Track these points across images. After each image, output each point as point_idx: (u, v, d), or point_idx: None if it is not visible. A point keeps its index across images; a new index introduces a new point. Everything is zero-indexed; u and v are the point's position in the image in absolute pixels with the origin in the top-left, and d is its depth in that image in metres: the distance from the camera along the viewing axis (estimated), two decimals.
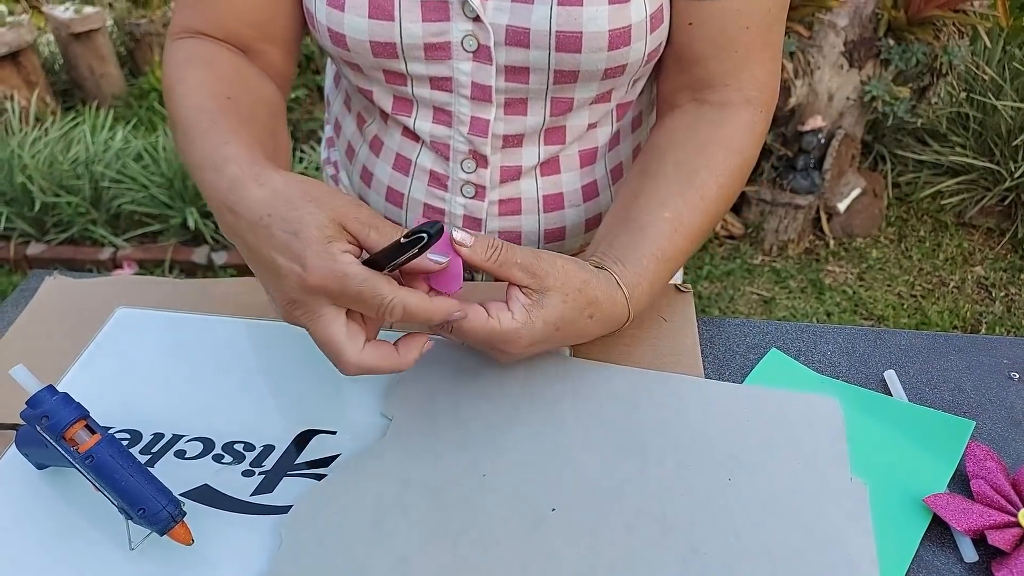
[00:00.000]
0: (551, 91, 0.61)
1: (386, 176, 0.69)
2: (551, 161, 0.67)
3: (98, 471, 0.45)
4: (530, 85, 0.60)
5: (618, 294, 0.55)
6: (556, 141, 0.66)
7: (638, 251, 0.57)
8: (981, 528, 0.47)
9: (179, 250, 2.25)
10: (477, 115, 0.62)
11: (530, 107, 0.62)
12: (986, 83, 2.37)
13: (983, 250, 2.32)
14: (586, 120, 0.65)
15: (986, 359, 0.61)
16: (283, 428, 0.55)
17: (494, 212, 0.68)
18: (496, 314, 0.50)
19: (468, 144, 0.64)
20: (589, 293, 0.53)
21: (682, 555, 0.47)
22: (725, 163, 0.60)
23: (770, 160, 2.29)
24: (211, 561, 0.48)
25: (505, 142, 0.64)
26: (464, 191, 0.67)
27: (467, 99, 0.61)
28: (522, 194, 0.68)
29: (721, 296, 2.18)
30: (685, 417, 0.55)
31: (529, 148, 0.65)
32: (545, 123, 0.64)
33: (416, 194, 0.68)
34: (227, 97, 0.56)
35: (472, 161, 0.65)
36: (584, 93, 0.62)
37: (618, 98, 0.66)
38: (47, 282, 0.69)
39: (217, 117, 0.53)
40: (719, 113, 0.62)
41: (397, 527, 0.48)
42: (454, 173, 0.66)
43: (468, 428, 0.54)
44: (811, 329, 0.64)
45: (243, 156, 0.49)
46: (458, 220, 0.68)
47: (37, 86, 2.81)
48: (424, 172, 0.67)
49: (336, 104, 0.76)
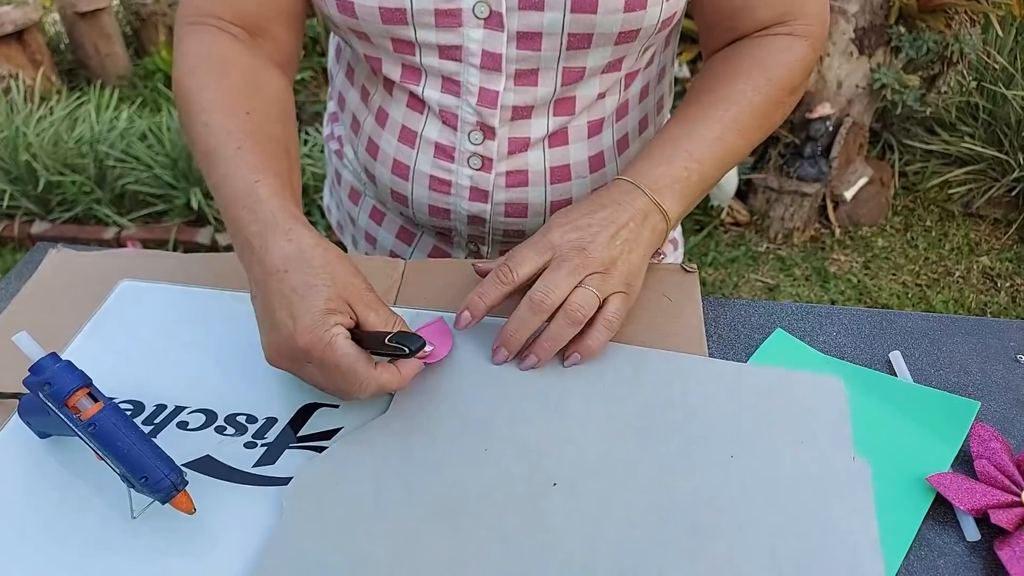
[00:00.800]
0: (563, 59, 0.61)
1: (392, 148, 0.68)
2: (559, 132, 0.67)
3: (100, 439, 0.45)
4: (542, 52, 0.60)
5: (635, 194, 0.57)
6: (566, 112, 0.65)
7: (652, 156, 0.60)
8: (984, 507, 0.47)
9: (183, 230, 2.25)
10: (486, 86, 0.62)
11: (541, 77, 0.62)
12: (997, 72, 2.35)
13: (989, 240, 2.31)
14: (596, 89, 0.65)
15: (993, 342, 0.60)
16: (286, 401, 0.55)
17: (501, 184, 0.68)
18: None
19: (476, 115, 0.63)
20: (587, 207, 0.57)
21: (683, 532, 0.46)
22: (760, 77, 0.62)
23: (777, 147, 2.28)
24: (213, 530, 0.48)
25: (514, 113, 0.64)
26: (471, 163, 0.66)
27: (476, 68, 0.61)
28: (529, 166, 0.67)
29: (725, 283, 2.17)
30: (688, 395, 0.54)
31: (538, 119, 0.65)
32: (556, 93, 0.63)
33: (422, 166, 0.67)
34: (246, 112, 0.58)
35: (479, 133, 0.64)
36: (596, 61, 0.62)
37: (628, 66, 0.65)
38: (50, 255, 0.69)
39: (242, 142, 0.56)
40: (762, 40, 0.64)
41: (398, 501, 0.48)
42: (461, 144, 0.65)
43: (470, 404, 0.54)
44: (816, 310, 0.63)
45: (275, 203, 0.53)
46: (465, 192, 0.68)
47: (42, 65, 2.81)
48: (430, 144, 0.66)
49: (339, 78, 0.75)
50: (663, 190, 0.58)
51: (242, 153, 0.55)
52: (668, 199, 0.58)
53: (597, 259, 0.54)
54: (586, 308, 0.54)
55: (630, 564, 0.45)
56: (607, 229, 0.55)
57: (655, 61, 0.70)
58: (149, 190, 2.24)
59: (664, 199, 0.58)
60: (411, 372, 0.52)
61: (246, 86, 0.61)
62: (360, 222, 0.81)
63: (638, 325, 0.60)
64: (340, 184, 0.82)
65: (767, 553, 0.45)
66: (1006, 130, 2.29)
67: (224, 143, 0.56)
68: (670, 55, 0.73)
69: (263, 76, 0.63)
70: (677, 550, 0.46)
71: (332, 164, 0.83)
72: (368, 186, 0.77)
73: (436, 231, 0.74)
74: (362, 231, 0.81)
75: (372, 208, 0.79)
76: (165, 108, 2.51)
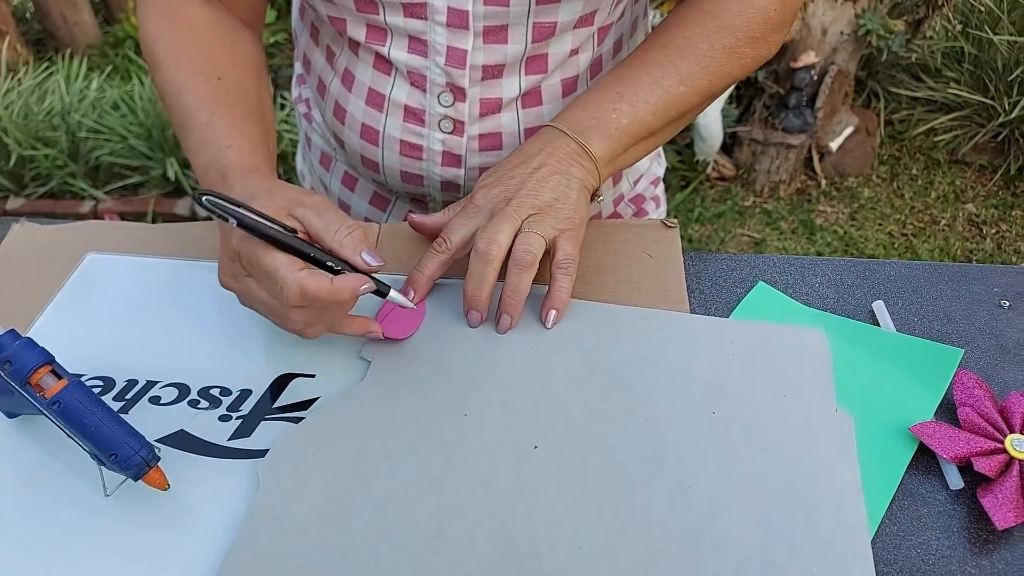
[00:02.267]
0: (533, 14, 0.58)
1: (359, 112, 0.66)
2: (533, 92, 0.64)
3: (66, 416, 0.44)
4: (511, 8, 0.57)
5: (559, 139, 0.57)
6: (538, 70, 0.63)
7: (581, 101, 0.59)
8: (967, 455, 0.47)
9: (161, 202, 2.21)
10: (454, 44, 0.59)
11: (511, 33, 0.60)
12: (983, 15, 2.31)
13: (975, 187, 2.30)
14: (568, 46, 0.63)
15: (976, 288, 0.60)
16: (260, 372, 0.54)
17: (474, 147, 0.66)
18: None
19: (445, 76, 0.61)
20: (509, 161, 0.57)
21: (668, 489, 0.46)
22: (710, 24, 0.60)
23: (762, 99, 2.25)
24: (189, 505, 0.47)
25: (484, 73, 0.62)
26: (442, 126, 0.64)
27: (443, 27, 0.58)
28: (503, 128, 0.65)
29: (712, 239, 2.16)
30: (669, 352, 0.54)
31: (510, 79, 0.63)
32: (527, 51, 0.61)
33: (392, 131, 0.65)
34: (218, 78, 0.58)
35: (449, 94, 0.62)
36: (567, 15, 0.59)
37: (600, 20, 0.63)
38: (14, 229, 0.67)
39: (215, 108, 0.56)
40: None
41: (378, 469, 0.48)
42: (431, 107, 0.63)
43: (449, 368, 0.53)
44: (799, 262, 0.63)
45: (246, 166, 0.53)
46: (437, 157, 0.66)
47: (8, 35, 2.72)
48: (399, 107, 0.64)
49: (303, 38, 0.72)
50: (587, 131, 0.57)
51: (215, 119, 0.55)
52: (594, 141, 0.57)
53: (529, 203, 0.54)
54: (532, 250, 0.53)
55: (615, 524, 0.45)
56: (533, 177, 0.55)
57: (627, 13, 0.67)
58: (124, 161, 2.19)
59: (589, 140, 0.57)
60: (347, 285, 0.47)
61: (215, 49, 0.60)
62: (332, 188, 0.79)
63: (620, 283, 0.59)
64: (311, 148, 0.80)
65: (752, 506, 0.45)
66: (992, 75, 2.27)
67: (197, 109, 0.56)
68: (642, 7, 0.71)
69: (231, 36, 0.62)
70: (662, 507, 0.45)
71: (302, 128, 0.81)
72: (339, 151, 0.75)
73: (410, 197, 0.72)
74: (335, 198, 0.79)
75: (344, 173, 0.77)
76: (136, 77, 2.45)
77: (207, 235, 0.65)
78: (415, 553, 0.44)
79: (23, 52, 2.77)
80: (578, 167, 0.57)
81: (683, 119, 0.62)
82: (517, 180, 0.55)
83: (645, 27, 0.74)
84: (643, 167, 0.82)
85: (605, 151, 0.58)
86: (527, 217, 0.54)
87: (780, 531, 0.44)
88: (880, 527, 0.45)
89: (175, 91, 0.58)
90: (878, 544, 0.45)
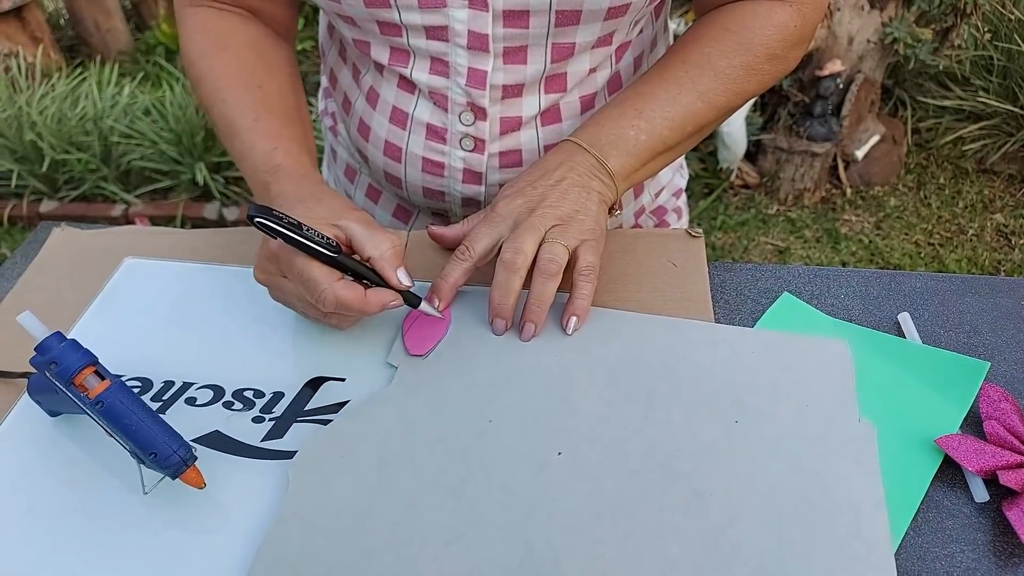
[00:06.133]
0: (552, 36, 0.59)
1: (383, 130, 0.67)
2: (552, 110, 0.65)
3: (108, 416, 0.45)
4: (530, 30, 0.58)
5: (578, 154, 0.58)
6: (557, 89, 0.64)
7: (600, 117, 0.60)
8: (993, 468, 0.47)
9: (190, 206, 2.25)
10: (474, 66, 0.60)
11: (530, 55, 0.61)
12: (1012, 24, 2.29)
13: (1003, 197, 2.27)
14: (587, 65, 0.64)
15: (1004, 301, 0.59)
16: (293, 375, 0.56)
17: (494, 165, 0.67)
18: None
19: (466, 96, 0.62)
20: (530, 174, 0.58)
21: (686, 499, 0.47)
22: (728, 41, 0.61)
23: (786, 107, 2.24)
24: (223, 504, 0.48)
25: (504, 92, 0.63)
26: (463, 144, 0.65)
27: (464, 49, 0.59)
28: (522, 145, 0.66)
29: (735, 247, 2.15)
30: (691, 361, 0.54)
31: (529, 98, 0.64)
32: (546, 71, 0.62)
33: (414, 148, 0.67)
34: (258, 86, 0.62)
35: (470, 113, 0.63)
36: (586, 37, 0.60)
37: (619, 40, 0.64)
38: (55, 234, 0.69)
39: (259, 114, 0.60)
40: (741, 5, 0.62)
41: (402, 472, 0.49)
42: (452, 126, 0.64)
43: (473, 374, 0.54)
44: (824, 273, 0.63)
45: (291, 165, 0.57)
46: (458, 174, 0.67)
47: (42, 42, 2.78)
48: (421, 126, 0.65)
49: (331, 54, 0.74)
50: (606, 147, 0.58)
51: (259, 123, 0.59)
52: (612, 157, 0.58)
53: (552, 214, 0.55)
54: (557, 259, 0.54)
55: (635, 530, 0.45)
56: (555, 189, 0.56)
57: (646, 31, 0.68)
58: (155, 166, 2.23)
59: (608, 156, 0.58)
60: (378, 300, 0.51)
61: (254, 60, 0.64)
62: (357, 200, 0.80)
63: (643, 292, 0.60)
64: (336, 161, 0.82)
65: (771, 516, 0.45)
66: (1021, 83, 2.24)
67: (241, 115, 0.60)
68: (662, 23, 0.71)
69: (268, 48, 0.66)
70: (682, 515, 0.46)
71: (328, 140, 0.83)
72: (363, 165, 0.76)
73: (432, 212, 0.74)
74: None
75: (368, 186, 0.78)
76: (167, 83, 2.50)
77: (241, 240, 0.67)
78: (435, 556, 0.45)
79: (57, 58, 2.84)
80: (597, 181, 0.58)
81: (700, 134, 0.63)
82: (539, 191, 0.56)
83: (666, 40, 0.74)
84: (665, 179, 0.82)
85: (623, 167, 0.59)
86: (550, 227, 0.55)
87: (797, 540, 0.44)
88: (905, 539, 0.45)
89: (219, 101, 0.61)
90: (903, 556, 0.45)
